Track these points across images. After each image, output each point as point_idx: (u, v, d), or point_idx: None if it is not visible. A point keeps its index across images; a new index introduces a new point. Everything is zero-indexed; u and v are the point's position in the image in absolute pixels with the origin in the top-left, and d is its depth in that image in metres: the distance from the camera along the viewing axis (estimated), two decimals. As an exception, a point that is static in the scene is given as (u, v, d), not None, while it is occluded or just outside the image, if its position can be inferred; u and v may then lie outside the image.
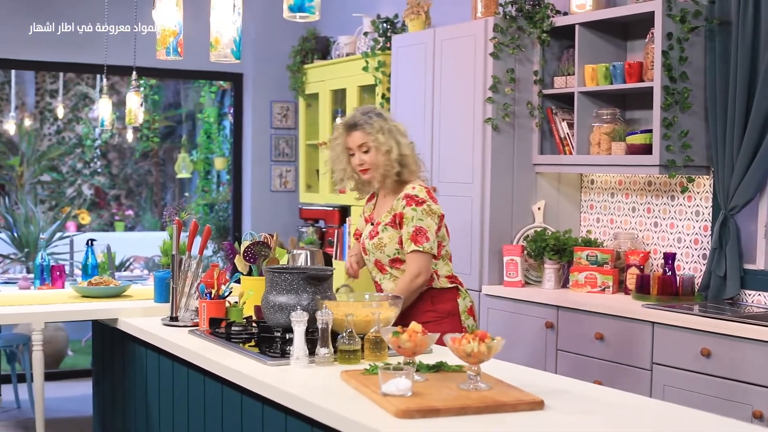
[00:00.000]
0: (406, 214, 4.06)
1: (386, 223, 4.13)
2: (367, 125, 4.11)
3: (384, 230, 4.12)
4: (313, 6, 2.60)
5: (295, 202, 8.60)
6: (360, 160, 4.14)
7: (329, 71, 7.83)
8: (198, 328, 3.84)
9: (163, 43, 3.29)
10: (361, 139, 4.12)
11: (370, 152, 4.11)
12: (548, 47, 5.76)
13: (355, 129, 4.14)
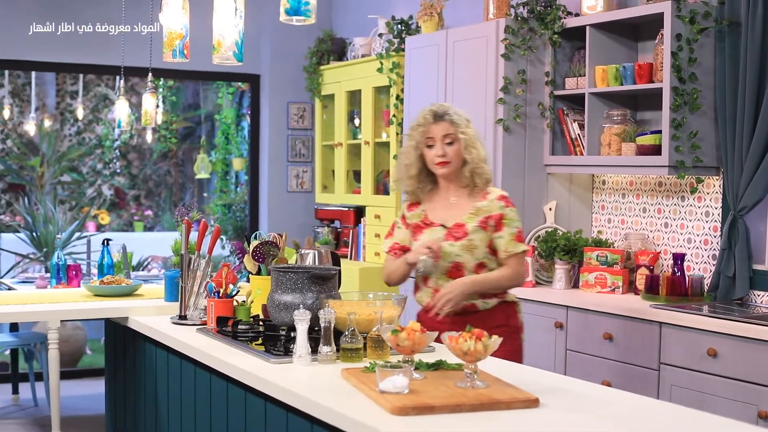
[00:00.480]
0: (507, 215, 3.94)
1: (476, 224, 3.92)
2: (456, 116, 3.96)
3: (475, 231, 3.91)
4: (309, 9, 2.64)
5: (311, 203, 8.65)
6: (442, 151, 3.93)
7: (345, 72, 7.87)
8: (206, 327, 3.89)
9: (170, 46, 3.34)
10: (447, 129, 3.94)
11: (454, 144, 3.93)
12: (560, 48, 5.78)
13: (442, 119, 3.95)
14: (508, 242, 3.92)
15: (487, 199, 3.97)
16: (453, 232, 3.93)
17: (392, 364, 2.77)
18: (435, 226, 3.97)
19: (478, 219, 3.91)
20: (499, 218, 3.92)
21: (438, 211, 4.02)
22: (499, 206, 3.94)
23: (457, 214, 3.97)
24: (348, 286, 6.94)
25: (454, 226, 3.94)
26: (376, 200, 7.44)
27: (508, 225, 3.92)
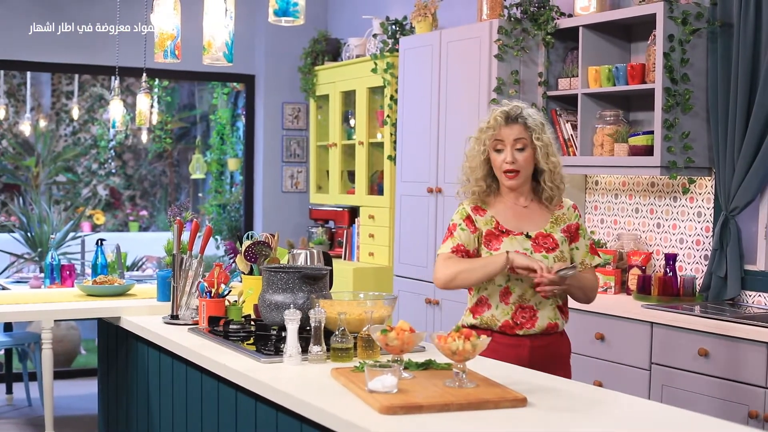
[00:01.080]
0: (582, 225, 3.68)
1: (562, 235, 3.62)
2: (531, 119, 3.55)
3: (563, 242, 3.60)
4: (298, 10, 2.65)
5: (306, 203, 8.66)
6: (511, 157, 3.54)
7: (339, 73, 7.88)
8: (197, 327, 3.90)
9: (161, 46, 3.35)
10: (520, 133, 3.54)
11: (525, 151, 3.54)
12: (553, 49, 5.79)
13: (515, 121, 3.55)
14: (585, 254, 3.66)
15: (563, 207, 3.67)
16: (541, 242, 3.57)
17: (381, 363, 2.78)
18: (515, 235, 3.57)
19: (560, 228, 3.62)
20: (576, 228, 3.64)
21: (509, 218, 3.63)
22: (575, 215, 3.66)
23: (535, 222, 3.62)
24: (342, 286, 6.95)
25: (538, 235, 3.58)
26: (371, 200, 7.45)
27: (583, 236, 3.67)
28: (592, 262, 3.67)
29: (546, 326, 3.56)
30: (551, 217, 3.63)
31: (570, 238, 3.63)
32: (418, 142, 6.47)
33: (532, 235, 3.58)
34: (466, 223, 3.65)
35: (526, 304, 3.56)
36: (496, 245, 3.57)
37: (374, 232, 7.34)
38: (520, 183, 3.58)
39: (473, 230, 3.62)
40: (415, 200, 6.49)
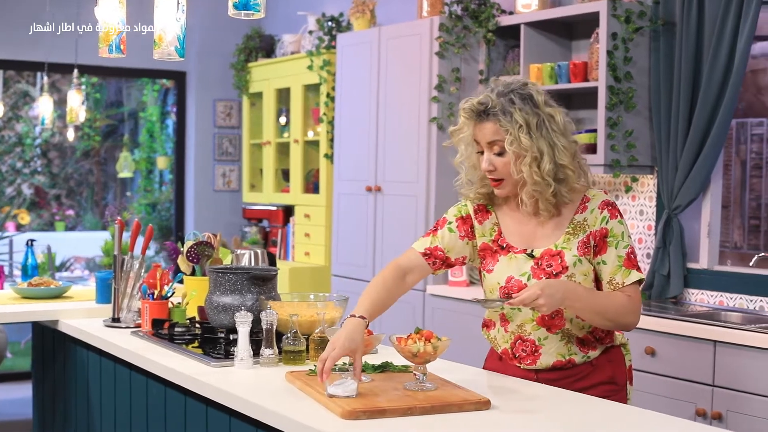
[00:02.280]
0: (613, 230, 2.86)
1: (577, 252, 2.86)
2: (504, 115, 2.79)
3: (577, 263, 2.86)
4: (258, 3, 2.56)
5: (238, 202, 8.53)
6: (489, 164, 2.86)
7: (274, 70, 7.78)
8: (140, 330, 3.78)
9: (106, 41, 3.23)
10: (493, 135, 2.82)
11: (504, 156, 2.83)
12: (494, 47, 5.76)
13: (486, 117, 2.84)
14: (617, 269, 2.86)
15: (587, 208, 2.89)
16: (544, 264, 2.88)
17: (339, 366, 2.69)
18: (516, 253, 2.92)
19: (578, 240, 2.86)
20: (602, 236, 2.86)
21: (515, 229, 2.97)
22: (602, 218, 2.86)
23: (546, 234, 2.91)
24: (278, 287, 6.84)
25: (545, 254, 2.89)
26: (306, 199, 7.36)
27: (613, 244, 2.85)
28: (625, 280, 2.85)
29: (552, 364, 2.93)
30: (569, 225, 2.89)
31: (597, 250, 2.88)
32: (356, 140, 6.40)
33: (536, 254, 2.89)
34: (458, 223, 3.04)
35: (526, 337, 2.95)
36: (491, 264, 2.97)
37: (310, 232, 7.25)
38: (509, 191, 2.91)
39: (465, 235, 3.02)
40: (353, 199, 6.42)
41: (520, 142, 2.78)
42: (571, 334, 2.91)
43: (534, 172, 2.79)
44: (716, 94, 4.75)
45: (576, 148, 2.88)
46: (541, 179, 2.80)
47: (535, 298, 2.70)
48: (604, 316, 2.82)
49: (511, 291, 2.90)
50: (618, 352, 3.02)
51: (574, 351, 2.93)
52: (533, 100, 2.83)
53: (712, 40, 4.77)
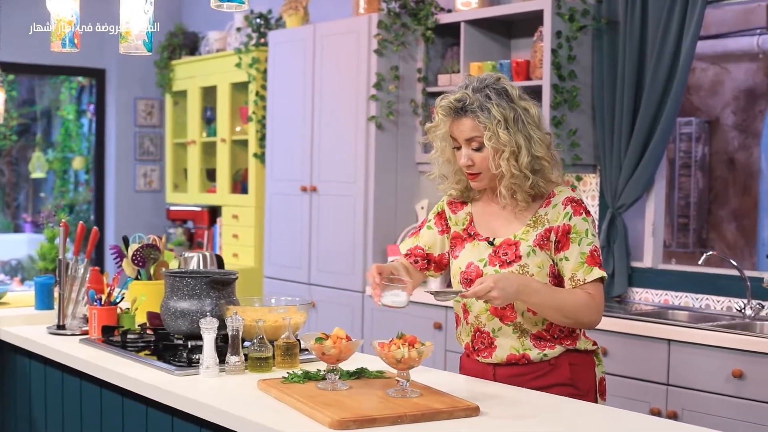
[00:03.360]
0: (577, 227, 2.84)
1: (532, 243, 2.86)
2: (482, 111, 2.80)
3: (531, 253, 2.85)
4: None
5: (161, 203, 8.34)
6: (468, 159, 2.87)
7: (199, 67, 7.61)
8: (88, 337, 3.62)
9: (59, 34, 3.07)
10: (471, 131, 2.83)
11: (483, 151, 2.85)
12: (432, 45, 5.70)
13: (463, 114, 2.84)
14: (579, 266, 2.83)
15: (550, 203, 2.89)
16: (501, 252, 2.89)
17: (391, 278, 2.79)
18: (480, 240, 2.95)
19: (536, 233, 2.86)
20: (566, 231, 2.84)
21: (486, 217, 2.99)
22: (565, 214, 2.85)
23: (509, 224, 2.92)
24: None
25: (503, 243, 2.90)
26: (234, 199, 7.22)
27: (576, 241, 2.83)
28: (587, 277, 2.82)
29: (507, 357, 2.90)
30: (531, 218, 2.90)
31: (558, 246, 2.85)
32: (290, 140, 6.28)
33: (496, 242, 2.91)
34: (436, 220, 3.10)
35: (483, 329, 2.94)
36: (457, 251, 3.01)
37: (239, 233, 7.11)
38: (485, 184, 2.92)
39: (442, 230, 3.07)
40: (287, 199, 6.30)
41: (498, 137, 2.80)
42: (524, 329, 2.89)
43: (512, 165, 2.81)
44: (661, 93, 4.77)
45: (550, 140, 2.90)
46: (519, 172, 2.82)
47: (487, 291, 2.70)
48: (562, 312, 2.80)
49: (469, 276, 2.92)
50: (584, 357, 2.94)
51: (528, 346, 2.89)
52: (508, 94, 2.86)
53: (656, 38, 4.78)
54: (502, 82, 2.88)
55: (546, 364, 2.90)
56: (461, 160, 2.88)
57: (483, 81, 2.88)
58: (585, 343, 2.94)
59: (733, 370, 3.93)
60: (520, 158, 2.81)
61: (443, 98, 2.91)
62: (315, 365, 3.07)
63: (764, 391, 3.86)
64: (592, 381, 2.95)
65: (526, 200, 2.87)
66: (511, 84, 2.90)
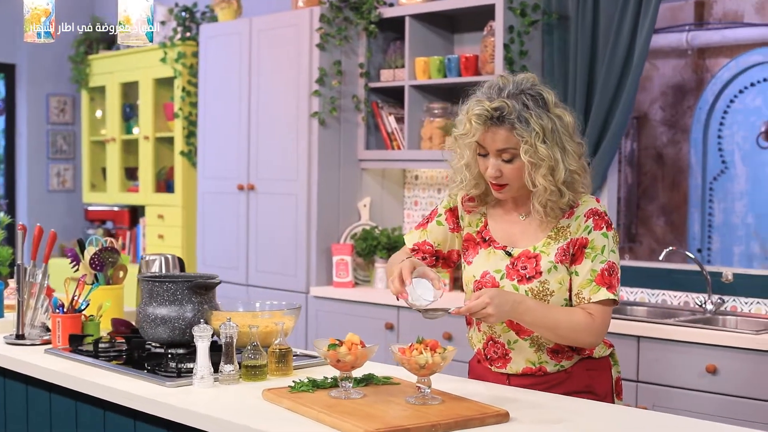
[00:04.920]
0: (594, 242, 2.68)
1: (554, 258, 2.71)
2: (520, 122, 2.61)
3: (552, 270, 2.71)
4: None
5: (77, 203, 8.03)
6: (496, 170, 2.68)
7: (118, 62, 7.34)
8: (51, 347, 3.41)
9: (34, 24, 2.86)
10: (505, 142, 2.64)
11: (514, 162, 2.67)
12: (374, 39, 5.59)
13: (500, 124, 2.64)
14: (586, 283, 2.69)
15: (573, 214, 2.73)
16: (519, 265, 2.74)
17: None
18: (497, 248, 2.79)
19: (558, 246, 2.71)
20: (581, 245, 2.70)
21: (501, 223, 2.84)
22: (585, 228, 2.70)
23: (528, 235, 2.77)
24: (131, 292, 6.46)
25: (522, 255, 2.75)
26: (158, 199, 6.99)
27: (590, 256, 2.68)
28: (592, 296, 2.68)
29: (522, 370, 2.79)
30: (552, 230, 2.74)
31: (573, 258, 2.72)
32: (224, 137, 6.09)
33: (514, 253, 2.75)
34: (447, 215, 2.93)
35: (497, 339, 2.81)
36: (471, 256, 2.85)
37: (164, 233, 6.89)
38: (511, 195, 2.77)
39: (454, 227, 2.92)
40: (222, 198, 6.11)
41: (536, 150, 2.61)
42: (541, 343, 2.76)
43: (549, 181, 2.64)
44: (615, 88, 4.75)
45: (582, 150, 2.74)
46: (556, 188, 2.66)
47: (483, 307, 2.58)
48: (555, 332, 2.68)
49: (484, 286, 2.78)
50: (601, 362, 2.84)
51: (545, 359, 2.78)
52: (545, 100, 2.69)
53: (609, 33, 4.76)
54: (538, 87, 2.71)
55: (563, 373, 2.79)
56: (489, 171, 2.69)
57: (519, 85, 2.69)
58: (602, 350, 2.84)
59: (706, 366, 3.93)
60: (556, 173, 2.64)
61: (477, 104, 2.67)
62: (309, 372, 2.95)
63: (737, 385, 3.87)
64: (610, 384, 2.86)
65: (557, 216, 2.72)
66: (547, 89, 2.73)
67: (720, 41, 6.63)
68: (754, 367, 3.83)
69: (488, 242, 2.83)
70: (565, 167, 2.65)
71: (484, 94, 2.71)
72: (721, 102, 6.70)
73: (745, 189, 6.61)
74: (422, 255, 2.94)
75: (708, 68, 6.75)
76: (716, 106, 6.72)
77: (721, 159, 6.72)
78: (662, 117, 6.97)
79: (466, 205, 2.91)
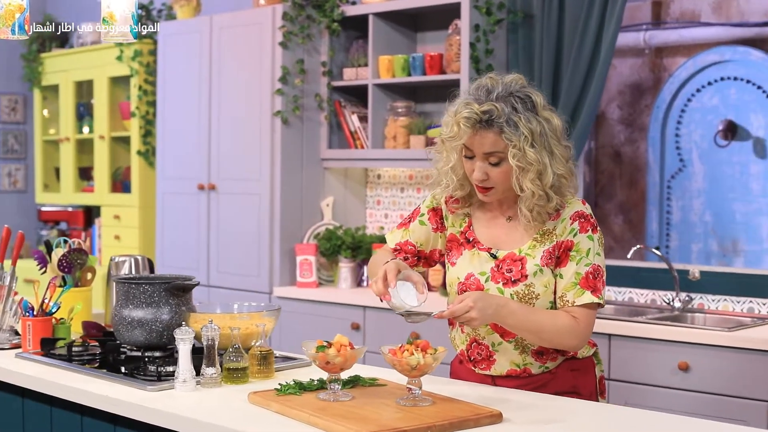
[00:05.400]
0: (579, 245, 2.66)
1: (540, 261, 2.68)
2: (509, 125, 2.57)
3: (538, 273, 2.68)
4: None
5: (29, 203, 7.89)
6: (482, 173, 2.64)
7: (72, 61, 7.22)
8: (22, 351, 3.33)
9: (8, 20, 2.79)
10: (493, 145, 2.60)
11: (501, 165, 2.63)
12: (336, 37, 5.55)
13: (488, 127, 2.60)
14: (571, 286, 2.66)
15: (559, 216, 2.69)
16: (505, 268, 2.71)
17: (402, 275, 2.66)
18: (481, 250, 2.76)
19: (544, 249, 2.68)
20: (566, 248, 2.68)
21: (485, 225, 2.80)
22: (571, 230, 2.67)
23: (514, 237, 2.74)
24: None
25: (507, 257, 2.72)
26: (115, 199, 6.89)
27: (575, 259, 2.66)
28: (576, 299, 2.66)
29: (507, 372, 2.77)
30: (537, 232, 2.71)
31: (557, 261, 2.70)
32: (184, 136, 6.02)
33: (499, 255, 2.73)
34: (430, 215, 2.89)
35: (481, 341, 2.78)
36: (455, 257, 2.82)
37: (120, 234, 6.79)
38: (496, 198, 2.73)
39: (437, 227, 2.88)
40: (182, 198, 6.03)
41: (525, 155, 2.57)
42: (526, 345, 2.73)
43: (537, 186, 2.60)
44: (580, 89, 4.76)
45: (569, 154, 2.70)
46: (544, 193, 2.62)
47: (466, 311, 2.54)
48: (539, 335, 2.65)
49: (468, 288, 2.75)
50: (585, 362, 2.82)
51: (530, 361, 2.75)
52: (533, 103, 2.63)
53: (575, 33, 4.77)
54: (527, 89, 2.65)
55: (548, 374, 2.77)
56: (476, 174, 2.65)
57: (508, 87, 2.63)
58: (585, 350, 2.81)
59: (679, 363, 3.94)
60: (544, 178, 2.60)
61: (465, 107, 2.60)
62: (290, 374, 2.93)
63: (710, 382, 3.89)
64: (594, 384, 2.84)
65: (543, 220, 2.69)
66: (535, 91, 2.67)
67: (677, 40, 6.69)
68: (728, 364, 3.85)
69: (472, 243, 2.80)
70: (552, 171, 2.61)
71: (471, 95, 2.65)
72: (678, 101, 6.75)
73: (703, 187, 6.67)
74: (404, 255, 2.91)
75: (665, 67, 6.81)
76: (674, 105, 6.77)
77: (679, 157, 6.78)
78: (620, 116, 7.02)
79: (450, 205, 2.87)
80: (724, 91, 6.60)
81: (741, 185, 6.51)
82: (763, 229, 6.42)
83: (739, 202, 6.50)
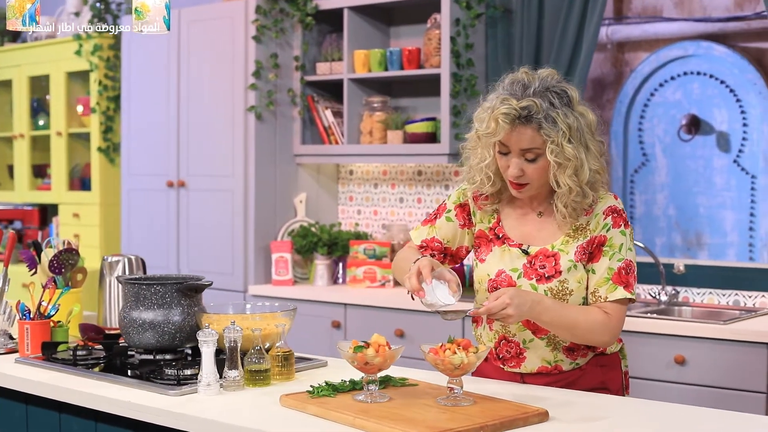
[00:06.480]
0: (612, 240, 2.65)
1: (574, 257, 2.66)
2: (547, 121, 2.54)
3: (572, 269, 2.66)
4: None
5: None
6: (518, 170, 2.61)
7: (27, 55, 7.03)
8: (20, 356, 3.22)
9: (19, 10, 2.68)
10: (530, 142, 2.57)
11: (538, 162, 2.61)
12: (309, 32, 5.48)
13: (526, 123, 2.57)
14: (603, 281, 2.65)
15: (592, 211, 2.67)
16: (538, 264, 2.68)
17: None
18: (512, 246, 2.73)
19: (577, 245, 2.66)
20: (599, 243, 2.66)
21: (516, 221, 2.77)
22: (604, 225, 2.65)
23: (545, 233, 2.72)
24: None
25: (539, 253, 2.69)
26: (73, 197, 6.72)
27: (608, 255, 2.64)
28: (609, 295, 2.64)
29: (537, 369, 2.75)
30: (570, 228, 2.69)
31: (590, 256, 2.67)
32: (151, 132, 5.89)
33: (531, 251, 2.70)
34: (457, 211, 2.84)
35: (511, 338, 2.75)
36: (484, 254, 2.78)
37: (80, 232, 6.63)
38: (530, 194, 2.70)
39: (464, 224, 2.83)
40: (149, 195, 5.91)
41: (563, 150, 2.55)
42: (558, 341, 2.71)
43: (574, 181, 2.58)
44: (563, 81, 4.75)
45: (603, 149, 2.67)
46: (580, 189, 2.60)
47: (503, 308, 2.50)
48: (573, 332, 2.63)
49: (500, 285, 2.71)
50: (613, 357, 2.81)
51: (561, 358, 2.73)
52: (569, 98, 2.60)
53: (556, 27, 4.76)
54: (563, 84, 2.63)
55: (578, 370, 2.75)
56: (511, 170, 2.61)
57: (544, 82, 2.60)
58: (614, 346, 2.80)
59: (675, 356, 3.95)
60: (581, 174, 2.57)
61: (503, 102, 2.56)
62: (308, 375, 2.88)
63: (708, 375, 3.91)
64: (621, 379, 2.83)
65: (578, 216, 2.66)
66: (570, 85, 2.65)
67: (640, 36, 6.72)
68: (724, 357, 3.87)
69: (502, 239, 2.76)
70: (588, 167, 2.59)
71: (507, 90, 2.61)
72: (641, 95, 6.78)
73: (666, 181, 6.72)
74: (430, 252, 2.85)
75: (627, 62, 6.83)
76: (636, 100, 6.80)
77: (642, 152, 6.81)
78: (582, 110, 7.03)
79: (479, 202, 2.82)
80: (687, 85, 6.65)
81: (704, 179, 6.58)
82: (726, 222, 6.49)
83: (702, 196, 6.56)
